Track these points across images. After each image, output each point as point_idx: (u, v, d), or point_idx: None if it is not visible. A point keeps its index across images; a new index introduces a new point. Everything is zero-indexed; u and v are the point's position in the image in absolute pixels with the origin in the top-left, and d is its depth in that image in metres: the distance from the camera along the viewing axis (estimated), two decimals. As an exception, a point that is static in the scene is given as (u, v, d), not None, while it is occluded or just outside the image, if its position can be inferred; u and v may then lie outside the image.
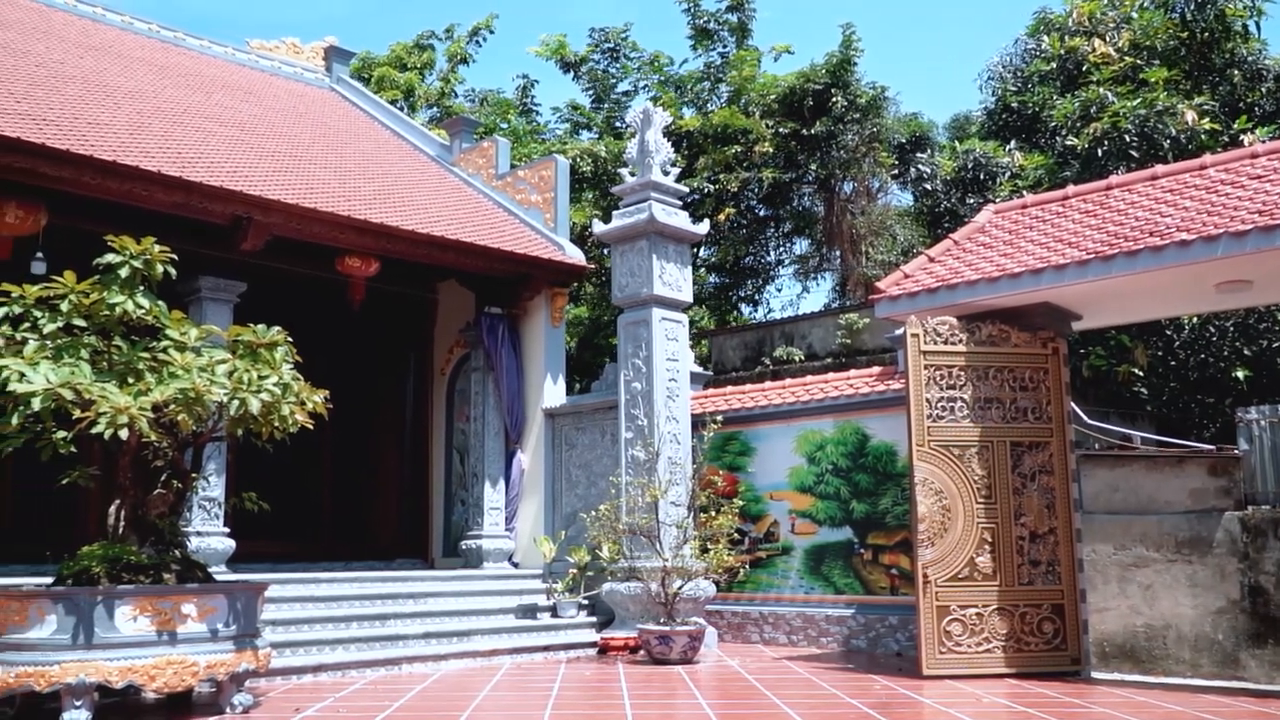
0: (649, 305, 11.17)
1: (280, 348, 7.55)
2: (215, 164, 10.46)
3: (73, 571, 6.76)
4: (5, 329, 6.94)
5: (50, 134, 9.07)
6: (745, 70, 21.66)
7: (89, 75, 11.93)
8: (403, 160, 14.78)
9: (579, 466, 12.24)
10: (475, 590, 11.16)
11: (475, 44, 27.25)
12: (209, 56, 16.29)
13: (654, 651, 9.66)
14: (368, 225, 11.01)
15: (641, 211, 11.18)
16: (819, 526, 11.16)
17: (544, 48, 24.02)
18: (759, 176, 20.33)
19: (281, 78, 17.13)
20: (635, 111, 11.90)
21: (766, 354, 16.85)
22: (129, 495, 7.24)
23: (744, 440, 11.91)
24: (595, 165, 20.80)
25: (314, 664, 8.67)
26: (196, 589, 6.91)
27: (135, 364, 7.00)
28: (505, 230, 12.92)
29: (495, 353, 12.63)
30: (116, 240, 7.21)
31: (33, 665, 6.34)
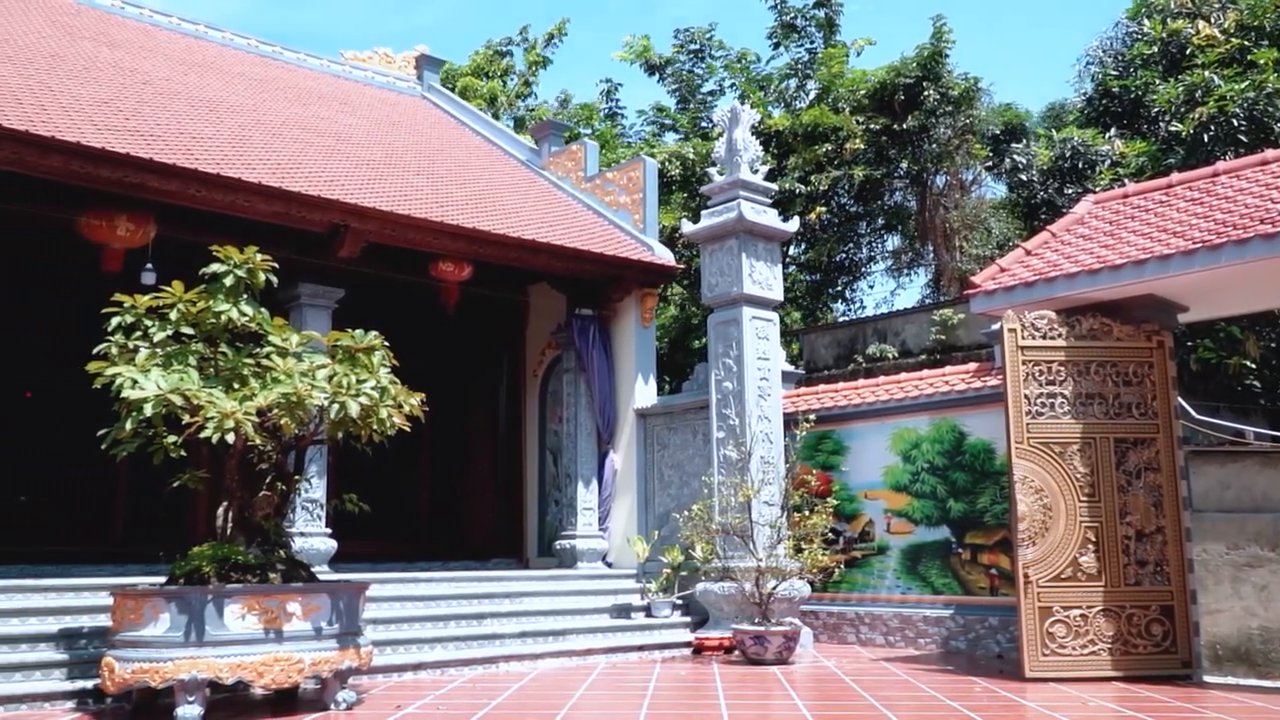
0: (739, 304, 11.12)
1: (378, 352, 7.72)
2: (313, 174, 10.73)
3: (184, 571, 6.99)
4: (118, 338, 7.23)
5: (157, 149, 9.40)
6: (834, 66, 21.44)
7: (192, 91, 12.35)
8: (493, 165, 14.97)
9: (671, 466, 12.24)
10: (570, 590, 11.24)
11: (551, 47, 27.47)
12: (305, 69, 16.73)
13: (749, 652, 9.61)
14: (460, 230, 11.18)
15: (730, 210, 11.14)
16: (915, 526, 10.98)
17: (628, 51, 24.10)
18: (850, 174, 20.09)
19: (375, 87, 17.50)
20: (723, 111, 11.87)
21: (859, 351, 16.64)
22: (236, 497, 7.47)
23: (837, 439, 11.78)
24: (683, 167, 20.79)
25: (414, 662, 8.83)
26: (301, 588, 7.09)
27: (240, 370, 7.22)
28: (595, 232, 12.99)
29: (586, 354, 12.70)
30: (221, 250, 7.45)
31: (148, 662, 6.58)
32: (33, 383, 13.16)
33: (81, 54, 12.07)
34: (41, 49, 11.50)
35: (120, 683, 6.69)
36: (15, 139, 8.49)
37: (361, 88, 17.08)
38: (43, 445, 13.15)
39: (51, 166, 8.80)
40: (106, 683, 6.80)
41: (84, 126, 9.16)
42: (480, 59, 27.25)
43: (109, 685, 6.78)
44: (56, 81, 10.30)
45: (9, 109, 8.81)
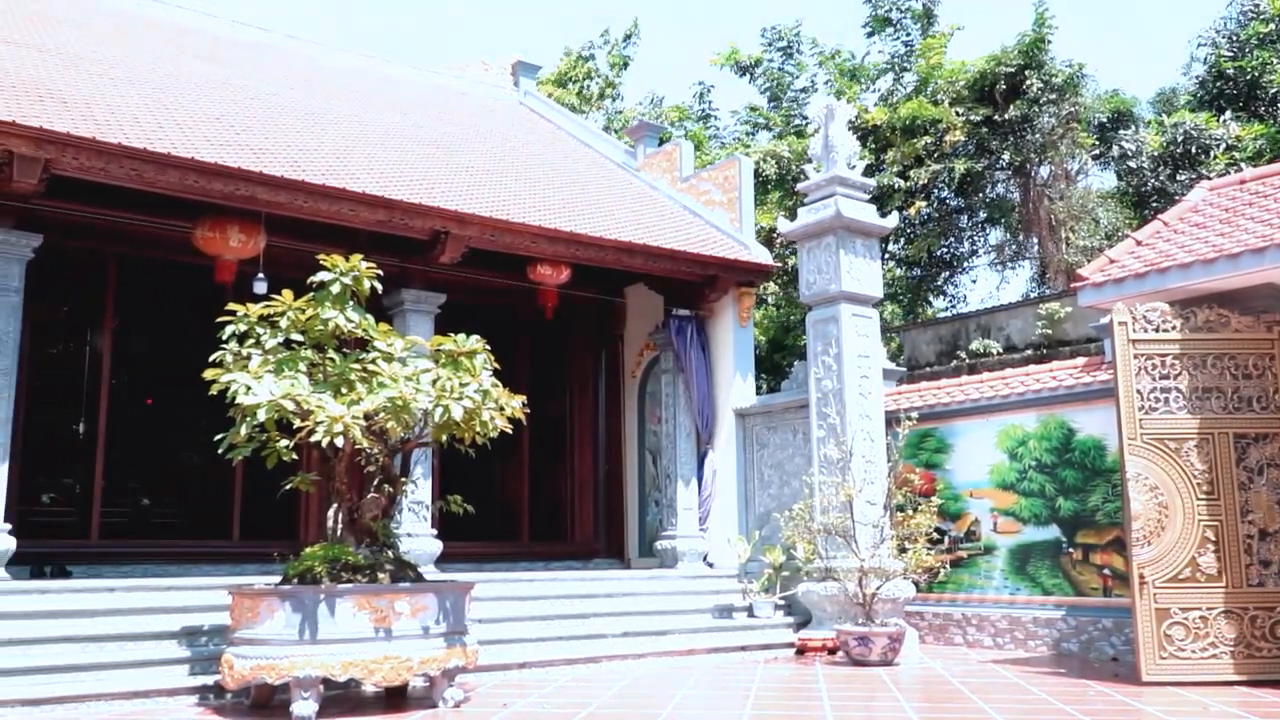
0: (838, 302, 11.00)
1: (479, 356, 7.85)
2: (415, 181, 10.96)
3: (298, 571, 7.20)
4: (233, 346, 7.50)
5: (267, 162, 9.72)
6: (932, 58, 21.08)
7: (298, 104, 12.72)
8: (589, 168, 15.09)
9: (771, 466, 12.17)
10: (671, 590, 11.26)
11: (630, 45, 27.55)
12: (405, 79, 17.09)
13: (853, 653, 9.51)
14: (558, 234, 11.29)
15: (827, 207, 11.03)
16: (1023, 525, 10.72)
17: (719, 56, 24.08)
18: (950, 167, 19.72)
19: (472, 95, 17.79)
20: (817, 107, 11.75)
21: (962, 347, 16.32)
22: (346, 499, 7.67)
23: (940, 437, 11.57)
24: (779, 166, 20.67)
25: (519, 661, 8.95)
26: (409, 588, 7.24)
27: (348, 375, 7.42)
28: (691, 232, 13.00)
29: (684, 354, 12.71)
30: (328, 259, 7.66)
31: (265, 659, 6.80)
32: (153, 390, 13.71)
33: (194, 73, 12.53)
34: (157, 69, 11.98)
35: (239, 679, 6.93)
36: (134, 156, 8.86)
37: (459, 96, 17.38)
38: (163, 450, 13.69)
39: (168, 182, 9.16)
40: (226, 679, 7.05)
41: (198, 142, 9.51)
42: (566, 65, 27.52)
43: (228, 681, 7.03)
44: (171, 99, 10.71)
45: (128, 127, 9.20)
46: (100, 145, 8.68)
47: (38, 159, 8.52)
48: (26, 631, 7.52)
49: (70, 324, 12.70)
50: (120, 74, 11.04)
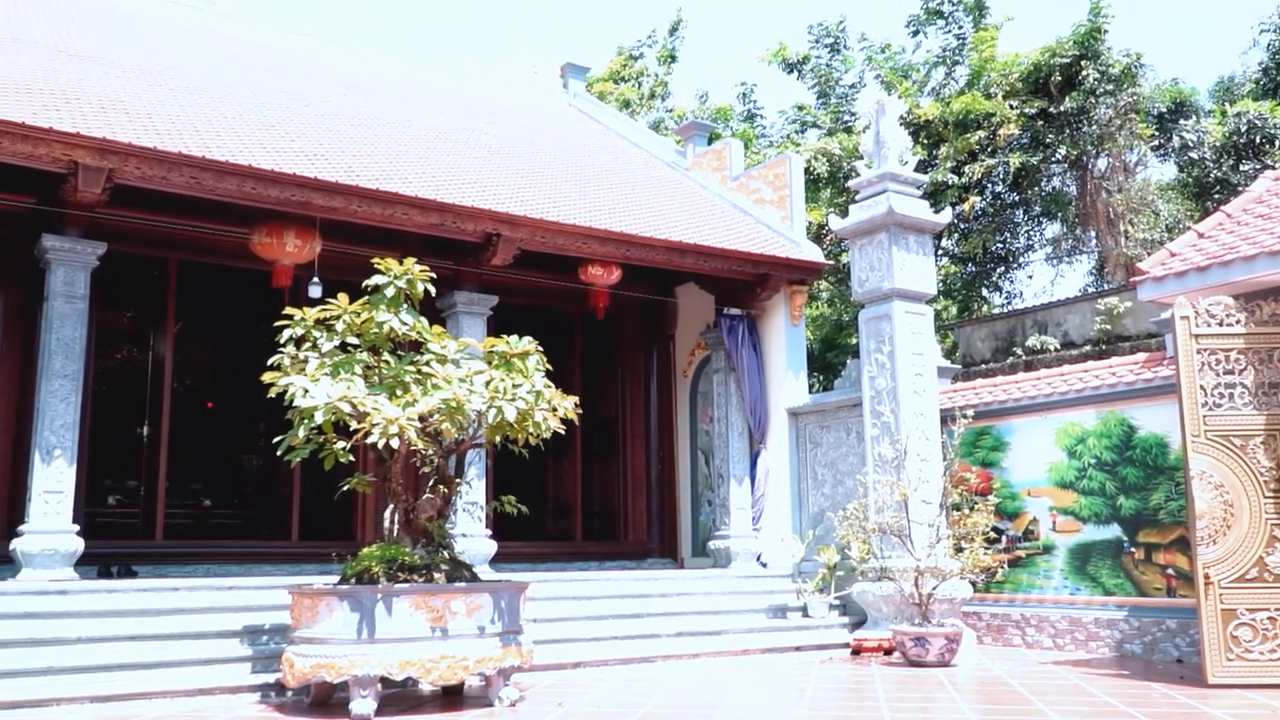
0: (890, 299, 10.91)
1: (532, 357, 7.90)
2: (466, 185, 11.05)
3: (355, 571, 7.29)
4: (290, 349, 7.61)
5: (320, 167, 9.86)
6: (985, 51, 20.81)
7: (352, 110, 12.88)
8: (639, 169, 15.11)
9: (824, 465, 12.10)
10: (725, 590, 11.24)
11: (676, 39, 27.52)
12: (456, 84, 17.23)
13: (909, 653, 9.42)
14: (609, 235, 11.32)
15: (879, 204, 10.94)
16: (1083, 524, 10.55)
17: (767, 54, 23.99)
18: (1004, 161, 19.46)
19: (522, 98, 17.89)
20: (868, 103, 11.66)
21: (1018, 344, 16.10)
22: (401, 500, 7.75)
23: (997, 435, 11.42)
24: (830, 163, 20.54)
25: (573, 660, 8.98)
26: (464, 587, 7.30)
27: (402, 377, 7.50)
28: (741, 231, 12.96)
29: (736, 353, 12.68)
30: (382, 262, 7.75)
31: (324, 658, 6.90)
32: (214, 393, 13.97)
33: (250, 81, 12.74)
34: (215, 79, 12.20)
35: (300, 677, 7.03)
36: (194, 164, 9.04)
37: (509, 99, 17.49)
38: (224, 452, 13.95)
39: (226, 189, 9.33)
40: (287, 677, 7.16)
41: (254, 150, 9.67)
42: (615, 65, 27.57)
43: (289, 679, 7.14)
44: (229, 108, 10.91)
45: (188, 136, 9.38)
46: (161, 154, 8.86)
47: (102, 169, 8.72)
48: (95, 630, 7.71)
49: (134, 329, 12.98)
50: (179, 84, 11.26)
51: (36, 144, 8.40)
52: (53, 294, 9.19)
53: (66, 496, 8.85)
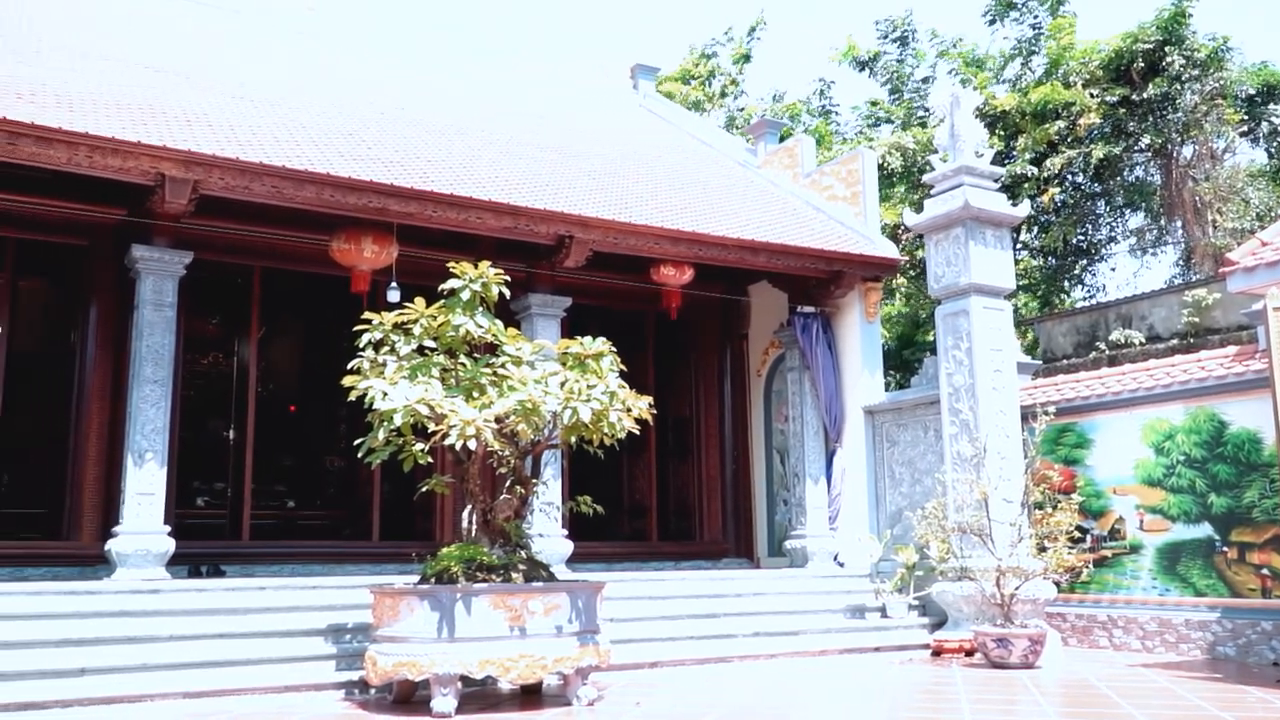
0: (968, 294, 10.74)
1: (606, 358, 7.93)
2: (539, 188, 11.14)
3: (435, 571, 7.39)
4: (369, 353, 7.76)
5: (396, 174, 10.02)
6: (1063, 39, 20.35)
7: (426, 116, 13.07)
8: (710, 167, 15.08)
9: (901, 464, 11.96)
10: (802, 589, 11.16)
11: (753, 40, 27.37)
12: (527, 88, 17.37)
13: (991, 655, 9.26)
14: (680, 234, 11.32)
15: (955, 198, 10.77)
16: (1171, 523, 10.26)
17: (837, 53, 23.77)
18: (1085, 151, 19.01)
19: (592, 99, 17.97)
20: (942, 96, 11.49)
21: (1101, 338, 15.72)
22: (479, 501, 7.84)
23: (1080, 432, 11.17)
24: (904, 158, 20.27)
25: (650, 660, 9.00)
26: (542, 587, 7.36)
27: (479, 379, 7.59)
28: (814, 228, 12.87)
29: (810, 352, 12.59)
30: (457, 266, 7.86)
31: (406, 656, 7.01)
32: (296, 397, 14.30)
33: (327, 90, 12.99)
34: (292, 89, 12.47)
35: (382, 675, 7.16)
36: (274, 174, 9.26)
37: (580, 101, 17.58)
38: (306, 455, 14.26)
39: (306, 197, 9.54)
40: (370, 674, 7.29)
41: (332, 158, 9.87)
42: (688, 63, 27.53)
43: (372, 677, 7.27)
44: (307, 118, 11.14)
45: (268, 147, 9.61)
46: (243, 165, 9.09)
47: (187, 180, 8.98)
48: (186, 628, 7.93)
49: (219, 335, 13.35)
50: (259, 96, 11.54)
51: (126, 157, 8.68)
52: (142, 302, 9.49)
53: (158, 498, 9.13)
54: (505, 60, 18.86)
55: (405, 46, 17.46)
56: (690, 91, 26.21)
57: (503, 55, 19.47)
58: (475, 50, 19.27)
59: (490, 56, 18.79)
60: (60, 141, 8.41)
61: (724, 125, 25.48)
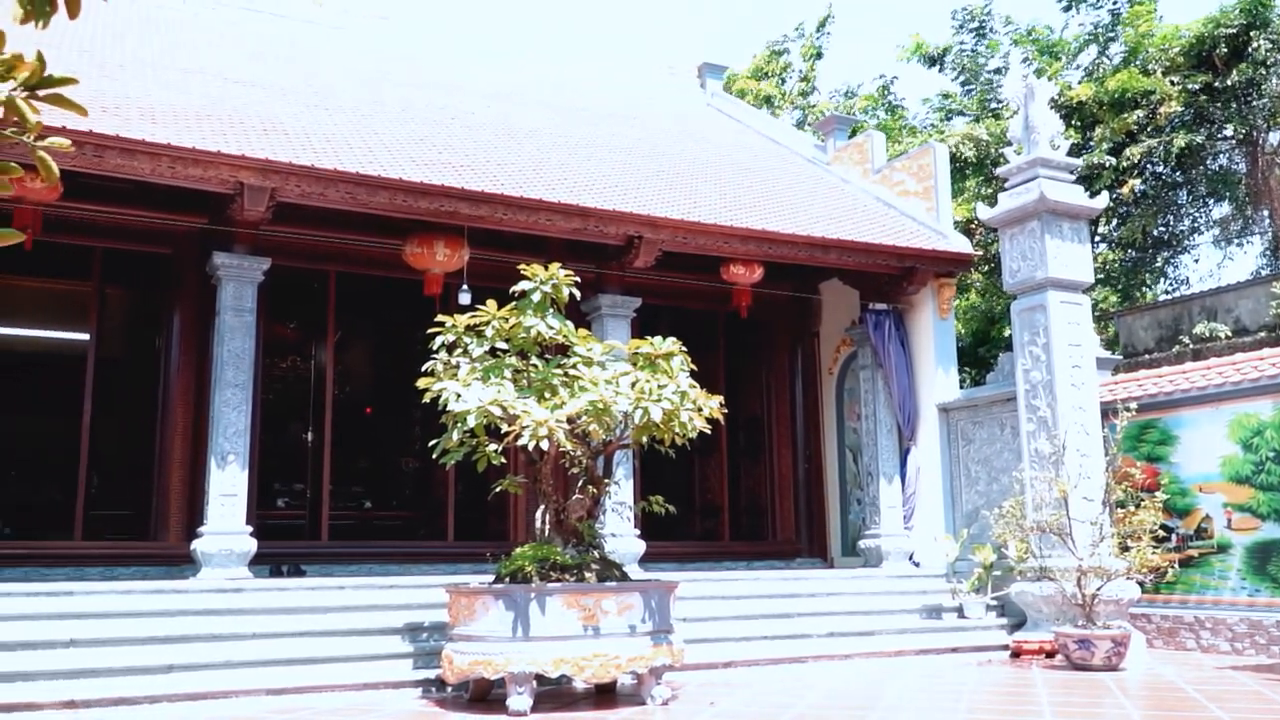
0: (1044, 289, 10.53)
1: (676, 357, 7.93)
2: (607, 189, 11.18)
3: (509, 570, 7.46)
4: (442, 355, 7.86)
5: (467, 178, 10.13)
6: (1141, 25, 19.84)
7: (495, 120, 13.20)
8: (779, 165, 15.00)
9: (977, 462, 11.76)
10: (877, 589, 11.05)
11: (823, 35, 27.13)
12: (595, 89, 17.45)
13: (1073, 656, 9.07)
14: (750, 233, 11.28)
15: (1030, 191, 10.57)
16: (1262, 521, 9.95)
17: (903, 51, 23.45)
18: (1166, 140, 18.52)
19: (660, 99, 17.99)
20: (1016, 87, 11.29)
21: (1184, 332, 15.31)
22: (552, 501, 7.89)
23: (1163, 428, 10.89)
24: (976, 149, 19.92)
25: (724, 660, 8.98)
26: (615, 587, 7.39)
27: (550, 380, 7.64)
28: (885, 224, 12.73)
29: (883, 349, 12.45)
30: (528, 268, 7.92)
31: (481, 655, 7.09)
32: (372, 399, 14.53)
33: (398, 96, 13.20)
34: (365, 96, 12.68)
35: (458, 673, 7.24)
36: (348, 180, 9.42)
37: (648, 102, 17.61)
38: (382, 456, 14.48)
39: (379, 202, 9.69)
40: (446, 673, 7.38)
41: (404, 163, 10.01)
42: (759, 61, 27.39)
43: (449, 675, 7.36)
44: (379, 125, 11.32)
45: (342, 154, 9.78)
46: (318, 172, 9.27)
47: (265, 188, 9.19)
48: (268, 626, 8.11)
49: (297, 339, 13.62)
50: (333, 104, 11.75)
51: (206, 167, 8.90)
52: (223, 308, 9.72)
53: (240, 499, 9.35)
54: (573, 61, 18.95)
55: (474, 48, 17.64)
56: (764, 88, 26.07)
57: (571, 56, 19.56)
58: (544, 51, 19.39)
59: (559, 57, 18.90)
60: (144, 153, 8.66)
61: (796, 122, 25.30)
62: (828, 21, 27.11)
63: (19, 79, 2.40)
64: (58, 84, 2.45)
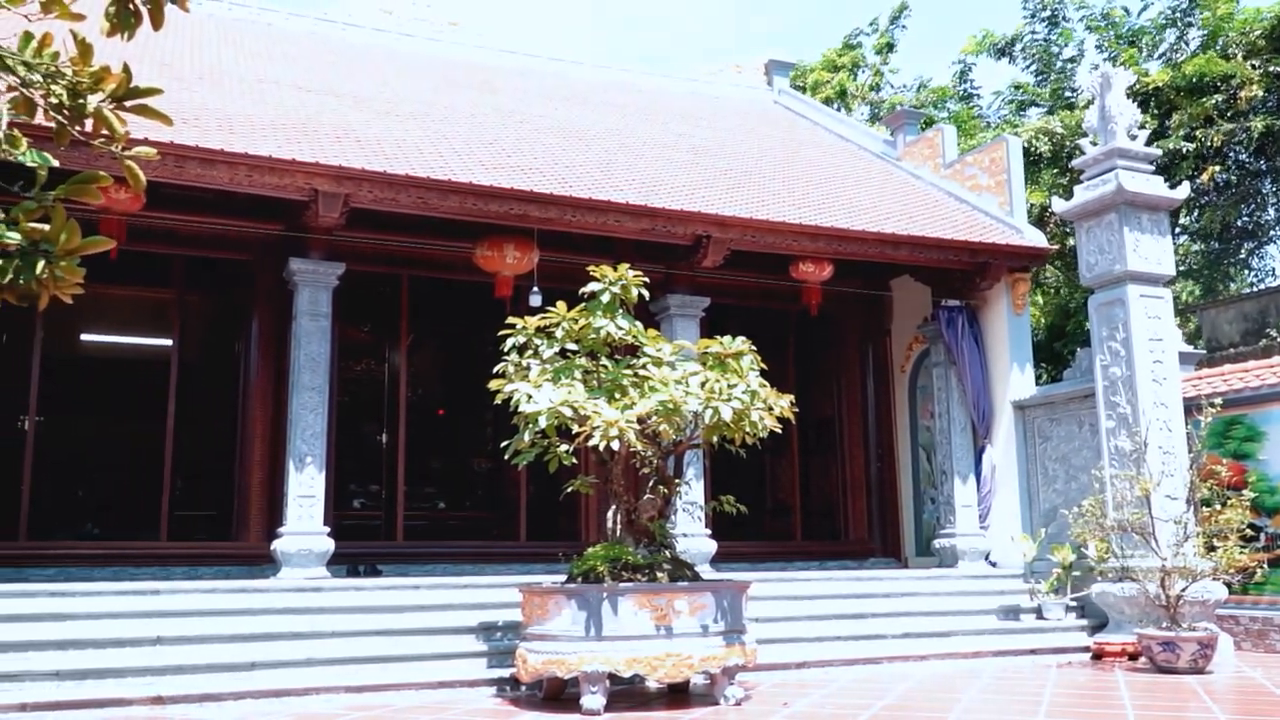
0: (1123, 283, 10.29)
1: (746, 357, 7.91)
2: (675, 189, 11.18)
3: (581, 570, 7.50)
4: (513, 357, 7.93)
5: (536, 181, 10.21)
6: (1220, 7, 19.27)
7: (563, 123, 13.28)
8: (848, 161, 14.87)
9: (1055, 460, 11.53)
10: (952, 590, 10.89)
11: (897, 28, 26.79)
12: (662, 90, 17.47)
13: (1157, 659, 8.84)
14: (819, 230, 11.20)
15: (1107, 182, 10.34)
16: (1356, 520, 9.61)
17: (972, 41, 23.05)
18: (1247, 126, 17.97)
19: (727, 98, 17.94)
20: (1091, 77, 11.04)
21: (1270, 325, 14.83)
22: (623, 501, 7.92)
23: (1250, 424, 10.56)
24: (1051, 142, 19.51)
25: (797, 660, 8.92)
26: (687, 586, 7.38)
27: (620, 380, 7.67)
28: (957, 219, 12.54)
29: (956, 346, 12.27)
30: (597, 269, 7.96)
31: (555, 654, 7.13)
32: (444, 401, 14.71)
33: (468, 102, 13.35)
34: (435, 102, 12.85)
35: (532, 672, 7.30)
36: (420, 185, 9.56)
37: (715, 101, 17.58)
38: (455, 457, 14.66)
39: (450, 206, 9.81)
40: (520, 672, 7.44)
41: (474, 167, 10.13)
42: (831, 54, 27.15)
43: (522, 674, 7.42)
44: (449, 130, 11.46)
45: (413, 159, 9.92)
46: (390, 177, 9.42)
47: (338, 194, 9.36)
48: (346, 625, 8.26)
49: (370, 343, 13.84)
50: (403, 110, 11.93)
51: (282, 175, 9.10)
52: (300, 313, 9.93)
53: (318, 500, 9.53)
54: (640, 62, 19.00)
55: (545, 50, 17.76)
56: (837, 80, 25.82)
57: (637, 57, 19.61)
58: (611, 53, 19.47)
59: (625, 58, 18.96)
60: (222, 162, 8.88)
61: (866, 117, 25.03)
62: (903, 13, 26.77)
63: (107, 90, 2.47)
64: (143, 95, 2.52)
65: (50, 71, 2.43)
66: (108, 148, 2.52)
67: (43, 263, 2.36)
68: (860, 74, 26.91)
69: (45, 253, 2.36)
